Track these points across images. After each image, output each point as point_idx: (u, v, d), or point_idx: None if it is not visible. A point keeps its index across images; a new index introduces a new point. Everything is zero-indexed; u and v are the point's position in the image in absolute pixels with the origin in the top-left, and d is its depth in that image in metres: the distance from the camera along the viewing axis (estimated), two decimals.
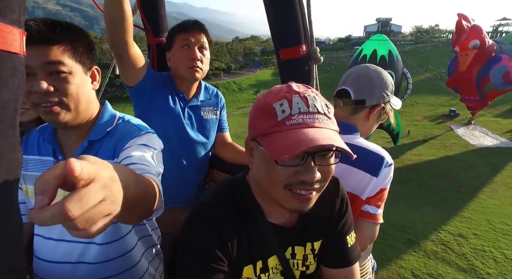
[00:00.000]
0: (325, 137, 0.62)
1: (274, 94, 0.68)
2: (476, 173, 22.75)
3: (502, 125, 32.81)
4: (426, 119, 34.93)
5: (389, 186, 1.19)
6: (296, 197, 0.68)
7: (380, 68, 1.29)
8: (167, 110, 1.47)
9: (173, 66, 1.50)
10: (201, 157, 1.62)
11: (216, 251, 0.70)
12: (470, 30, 23.89)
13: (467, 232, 16.62)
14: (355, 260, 0.87)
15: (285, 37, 1.44)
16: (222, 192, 0.80)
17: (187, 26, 1.47)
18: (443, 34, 79.41)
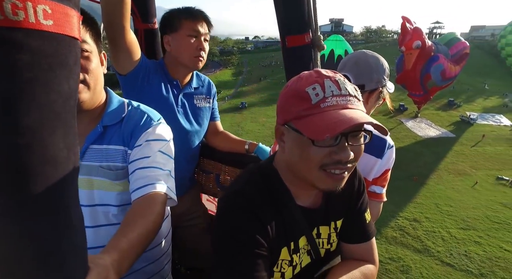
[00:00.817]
0: (362, 116, 0.65)
1: (305, 79, 0.70)
2: (423, 162, 24.98)
3: (442, 117, 36.39)
4: (379, 114, 37.45)
5: (392, 167, 1.24)
6: (330, 177, 0.69)
7: (376, 54, 1.34)
8: (160, 99, 1.43)
9: (175, 52, 1.43)
10: (195, 146, 1.58)
11: (258, 237, 0.71)
12: (413, 31, 26.11)
13: (420, 216, 18.21)
14: (373, 235, 0.93)
15: (292, 24, 1.44)
16: (254, 178, 0.80)
17: (196, 14, 1.43)
18: (389, 35, 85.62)
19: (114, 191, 0.95)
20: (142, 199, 0.85)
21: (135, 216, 0.81)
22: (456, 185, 21.08)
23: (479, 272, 13.26)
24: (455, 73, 29.44)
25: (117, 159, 0.95)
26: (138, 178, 0.89)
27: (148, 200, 0.84)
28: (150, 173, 0.89)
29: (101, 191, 0.94)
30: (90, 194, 0.93)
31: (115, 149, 0.95)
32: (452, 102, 40.24)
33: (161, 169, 0.92)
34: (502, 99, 42.61)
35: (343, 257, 0.92)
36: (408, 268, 13.26)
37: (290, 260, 0.81)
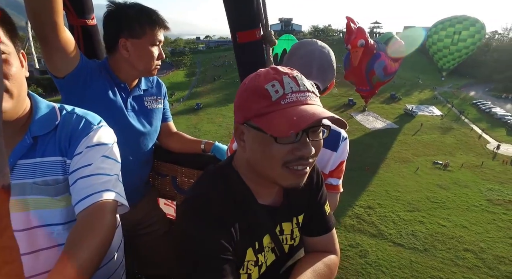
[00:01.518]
0: (323, 111, 0.65)
1: (263, 76, 0.69)
2: (373, 152, 26.96)
3: (386, 110, 39.67)
4: (331, 109, 39.37)
5: (346, 158, 1.27)
6: (293, 173, 0.69)
7: (323, 43, 1.31)
8: (106, 103, 1.33)
9: (134, 59, 1.34)
10: (148, 150, 1.51)
11: (222, 241, 0.69)
12: (357, 31, 27.93)
13: (373, 203, 19.65)
14: (333, 226, 0.95)
15: (242, 20, 1.42)
16: (213, 181, 0.79)
17: (159, 23, 1.34)
18: (336, 33, 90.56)
19: (56, 208, 0.85)
20: (87, 210, 0.77)
21: (82, 232, 0.73)
22: (401, 172, 23.14)
23: (423, 248, 14.78)
24: (395, 69, 32.17)
25: (56, 171, 0.84)
26: (81, 189, 0.80)
27: (95, 211, 0.77)
28: (94, 181, 0.81)
29: (39, 210, 0.83)
30: (25, 216, 0.81)
31: (51, 161, 0.84)
32: (394, 95, 44.08)
33: (108, 174, 0.85)
34: (433, 92, 47.84)
35: (306, 250, 0.94)
36: (366, 253, 14.25)
37: (255, 260, 0.80)
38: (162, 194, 1.75)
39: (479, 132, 32.30)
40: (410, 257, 14.05)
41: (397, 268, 13.33)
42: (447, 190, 20.27)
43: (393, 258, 13.95)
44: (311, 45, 1.27)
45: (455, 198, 19.32)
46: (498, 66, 55.01)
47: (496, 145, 28.56)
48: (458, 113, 38.45)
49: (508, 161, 25.14)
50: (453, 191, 20.13)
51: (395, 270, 13.25)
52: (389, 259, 13.92)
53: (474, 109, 40.41)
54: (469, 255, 14.30)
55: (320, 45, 1.27)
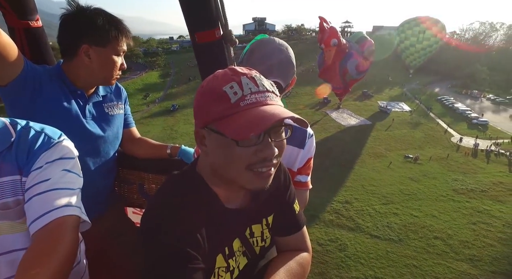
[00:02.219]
0: (283, 111, 0.64)
1: (220, 78, 0.67)
2: (349, 148, 27.81)
3: (360, 107, 41.07)
4: (307, 107, 40.38)
5: (314, 154, 1.27)
6: (258, 176, 0.69)
7: (282, 40, 1.29)
8: (59, 111, 1.25)
9: (96, 68, 1.28)
10: (110, 158, 1.45)
11: (190, 250, 0.67)
12: (329, 30, 28.74)
13: (350, 198, 20.30)
14: (303, 224, 0.94)
15: (200, 20, 1.39)
16: (176, 188, 0.76)
17: (125, 33, 1.30)
18: (309, 33, 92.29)
19: (18, 232, 0.78)
20: (44, 230, 0.70)
21: (37, 255, 0.67)
22: (376, 166, 24.10)
23: (398, 238, 15.55)
24: (367, 67, 33.47)
25: (16, 191, 0.78)
26: (37, 206, 0.73)
27: (53, 230, 0.70)
28: (53, 197, 0.75)
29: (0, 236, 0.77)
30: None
31: (10, 181, 0.78)
32: (366, 93, 45.73)
33: (69, 189, 0.80)
34: (402, 89, 50.17)
35: (278, 249, 0.93)
36: (345, 246, 14.76)
37: (226, 266, 0.78)
38: (130, 202, 1.69)
39: (445, 126, 34.34)
40: (386, 247, 14.73)
41: (374, 259, 13.94)
42: (418, 182, 21.41)
43: (371, 250, 14.56)
44: (270, 43, 1.25)
45: (425, 189, 20.46)
46: (458, 64, 58.77)
47: (459, 137, 30.56)
48: (426, 109, 40.59)
49: (469, 152, 27.00)
50: (423, 183, 21.30)
51: (372, 261, 13.85)
52: (367, 251, 14.52)
53: (439, 105, 42.87)
54: (438, 242, 15.25)
55: (279, 43, 1.26)
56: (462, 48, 60.63)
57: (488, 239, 15.48)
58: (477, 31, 72.19)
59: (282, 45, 1.25)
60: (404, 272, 13.25)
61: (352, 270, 13.25)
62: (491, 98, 48.23)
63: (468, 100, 47.50)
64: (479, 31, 72.04)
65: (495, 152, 27.16)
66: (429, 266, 13.61)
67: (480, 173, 23.14)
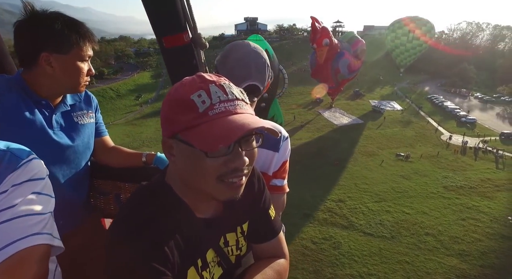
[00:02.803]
0: (253, 121, 0.63)
1: (188, 86, 0.65)
2: (341, 147, 28.04)
3: (351, 106, 41.50)
4: (299, 107, 40.64)
5: (289, 157, 1.24)
6: (229, 186, 0.67)
7: (255, 44, 1.28)
8: (21, 123, 1.18)
9: (61, 76, 1.21)
10: (81, 170, 1.39)
11: (157, 265, 0.63)
12: (321, 30, 29.01)
13: (343, 197, 20.48)
14: (279, 230, 0.92)
15: (166, 24, 1.35)
16: (143, 201, 0.72)
17: (89, 37, 1.22)
18: (300, 32, 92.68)
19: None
20: (5, 264, 0.63)
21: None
22: (368, 165, 24.43)
23: (390, 235, 15.83)
24: (358, 67, 33.91)
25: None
26: (1, 237, 0.67)
27: (17, 264, 0.63)
28: (19, 225, 0.68)
29: None
30: None
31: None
32: (358, 92, 46.24)
33: (40, 213, 0.73)
34: (393, 88, 50.89)
35: (255, 256, 0.91)
36: (339, 244, 14.96)
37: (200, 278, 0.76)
38: (107, 213, 1.62)
39: (435, 125, 34.98)
40: (379, 245, 15.00)
41: (368, 256, 14.18)
42: (409, 180, 21.81)
43: (364, 247, 14.80)
44: (245, 47, 1.24)
45: (416, 187, 20.85)
46: (447, 63, 59.90)
47: (449, 135, 31.20)
48: (416, 108, 41.25)
49: (458, 150, 27.61)
50: (414, 181, 21.70)
51: (366, 258, 14.08)
52: (360, 248, 14.75)
53: (429, 104, 43.63)
54: (429, 238, 15.59)
55: (253, 46, 1.25)
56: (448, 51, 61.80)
57: (476, 234, 15.91)
58: (464, 31, 73.84)
59: (257, 48, 1.24)
60: (397, 268, 13.52)
61: (346, 267, 13.46)
62: (478, 96, 49.39)
63: (457, 98, 48.52)
64: (466, 31, 73.67)
65: (483, 149, 27.83)
66: (421, 262, 13.92)
67: (469, 170, 23.70)
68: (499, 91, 51.57)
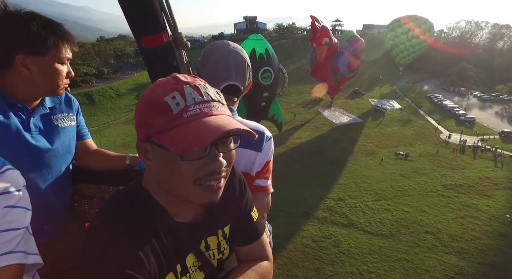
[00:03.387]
0: (228, 123, 0.62)
1: (162, 87, 0.63)
2: (341, 146, 28.07)
3: (351, 105, 41.57)
4: (299, 106, 40.70)
5: (272, 157, 1.23)
6: (207, 190, 0.65)
7: (235, 44, 1.26)
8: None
9: (39, 79, 1.17)
10: (62, 174, 1.35)
11: (131, 272, 0.61)
12: (321, 29, 29.06)
13: (343, 195, 20.42)
14: (262, 232, 0.90)
15: (144, 24, 1.32)
16: (119, 206, 0.70)
17: (67, 39, 1.19)
18: (300, 31, 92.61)
19: None
20: None
21: None
22: (368, 164, 24.53)
23: (390, 233, 15.95)
24: (357, 66, 34.02)
25: None
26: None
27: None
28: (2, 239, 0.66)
29: None
30: None
31: None
32: (357, 91, 46.30)
33: (13, 229, 0.69)
34: (392, 87, 50.94)
35: (238, 259, 0.90)
36: (339, 242, 15.07)
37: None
38: (91, 218, 1.56)
39: (434, 124, 35.09)
40: (378, 243, 15.11)
41: (368, 254, 14.29)
42: (409, 179, 21.92)
43: (364, 245, 14.91)
44: (225, 46, 1.22)
45: (416, 185, 20.97)
46: (446, 62, 60.01)
47: (448, 134, 31.33)
48: (415, 107, 41.36)
49: (457, 148, 27.75)
50: (413, 179, 21.82)
51: (366, 256, 14.20)
52: (360, 246, 14.86)
53: (428, 102, 43.71)
54: (428, 236, 15.71)
55: (233, 46, 1.23)
56: (447, 49, 61.90)
57: (475, 232, 16.04)
58: (463, 29, 73.93)
59: (237, 48, 1.22)
60: (396, 266, 13.64)
61: (346, 265, 13.58)
62: (477, 95, 49.54)
63: (456, 97, 48.64)
64: (465, 29, 73.75)
65: (482, 148, 27.98)
66: (420, 260, 14.04)
67: (468, 168, 23.85)
68: (497, 90, 51.72)
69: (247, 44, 22.68)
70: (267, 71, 22.48)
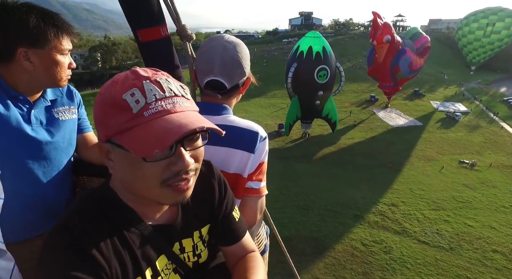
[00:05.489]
0: (192, 120, 0.58)
1: (120, 84, 0.59)
2: (396, 150, 26.57)
3: (409, 106, 38.78)
4: (353, 105, 39.19)
5: (266, 159, 1.17)
6: (175, 190, 0.62)
7: (232, 37, 1.18)
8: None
9: (41, 71, 1.18)
10: (63, 167, 1.34)
11: (82, 276, 0.58)
12: (383, 26, 27.56)
13: (397, 201, 19.35)
14: (245, 231, 0.89)
15: (141, 16, 1.29)
16: (84, 207, 0.67)
17: (67, 30, 1.18)
18: (357, 27, 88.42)
19: None
20: None
21: None
22: (426, 170, 22.85)
23: (449, 246, 14.78)
24: (420, 65, 31.59)
25: None
26: None
27: None
28: None
29: None
30: None
31: None
32: (418, 92, 42.95)
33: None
34: (459, 88, 46.14)
35: (226, 258, 0.89)
36: (390, 249, 14.46)
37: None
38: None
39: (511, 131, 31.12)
40: (435, 255, 14.14)
41: (422, 265, 13.49)
42: (474, 190, 19.94)
43: (418, 255, 14.10)
44: (214, 40, 1.17)
45: (483, 198, 19.00)
46: None
47: None
48: (487, 111, 37.02)
49: None
50: (480, 191, 19.79)
51: (420, 267, 13.42)
52: (413, 256, 14.08)
53: (504, 107, 38.68)
54: (498, 256, 14.18)
55: (226, 40, 1.15)
56: None
57: None
58: None
59: (229, 43, 1.15)
60: None
61: (398, 274, 13.01)
62: None
63: None
64: None
65: None
66: None
67: None
68: None
69: (304, 41, 22.61)
70: (323, 70, 22.18)
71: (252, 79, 1.27)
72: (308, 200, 18.08)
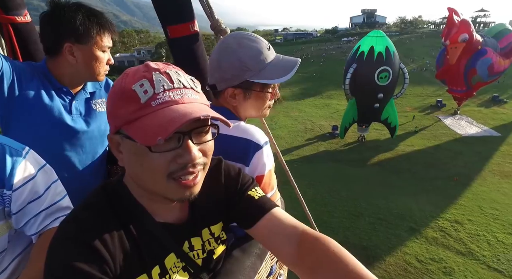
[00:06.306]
0: (198, 110, 0.58)
1: (131, 75, 0.60)
2: (464, 161, 23.84)
3: (485, 114, 34.38)
4: (415, 110, 36.10)
5: (267, 171, 1.02)
6: (182, 185, 0.62)
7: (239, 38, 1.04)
8: (40, 109, 1.22)
9: (83, 66, 1.26)
10: (99, 156, 1.42)
11: (95, 272, 0.58)
12: (460, 24, 24.72)
13: (462, 218, 17.40)
14: (272, 206, 0.80)
15: (171, 12, 1.31)
16: (95, 201, 0.68)
17: (109, 28, 1.27)
18: (426, 25, 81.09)
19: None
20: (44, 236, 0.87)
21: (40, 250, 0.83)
22: (502, 188, 20.08)
23: None
24: (504, 68, 27.64)
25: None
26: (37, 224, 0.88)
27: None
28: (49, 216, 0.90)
29: None
30: None
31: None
32: (497, 98, 37.74)
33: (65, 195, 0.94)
34: None
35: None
36: (451, 270, 13.06)
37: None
38: None
39: None
40: None
41: None
42: None
43: None
44: (223, 39, 1.11)
45: None
46: None
47: None
48: None
49: None
50: None
51: None
52: None
53: None
54: None
55: (229, 42, 1.05)
56: None
57: None
58: None
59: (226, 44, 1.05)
60: None
61: None
62: None
63: None
64: None
65: None
66: None
67: None
68: None
69: (366, 41, 21.41)
70: (385, 71, 20.81)
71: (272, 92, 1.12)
72: (359, 206, 17.27)
